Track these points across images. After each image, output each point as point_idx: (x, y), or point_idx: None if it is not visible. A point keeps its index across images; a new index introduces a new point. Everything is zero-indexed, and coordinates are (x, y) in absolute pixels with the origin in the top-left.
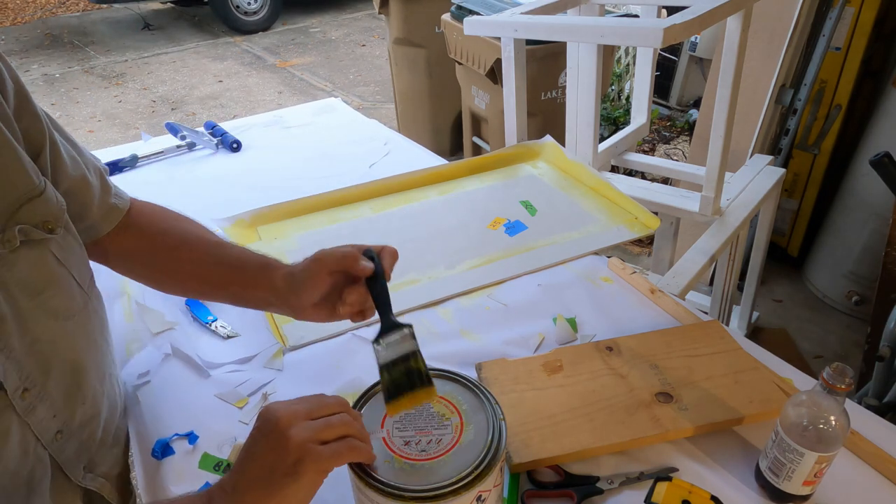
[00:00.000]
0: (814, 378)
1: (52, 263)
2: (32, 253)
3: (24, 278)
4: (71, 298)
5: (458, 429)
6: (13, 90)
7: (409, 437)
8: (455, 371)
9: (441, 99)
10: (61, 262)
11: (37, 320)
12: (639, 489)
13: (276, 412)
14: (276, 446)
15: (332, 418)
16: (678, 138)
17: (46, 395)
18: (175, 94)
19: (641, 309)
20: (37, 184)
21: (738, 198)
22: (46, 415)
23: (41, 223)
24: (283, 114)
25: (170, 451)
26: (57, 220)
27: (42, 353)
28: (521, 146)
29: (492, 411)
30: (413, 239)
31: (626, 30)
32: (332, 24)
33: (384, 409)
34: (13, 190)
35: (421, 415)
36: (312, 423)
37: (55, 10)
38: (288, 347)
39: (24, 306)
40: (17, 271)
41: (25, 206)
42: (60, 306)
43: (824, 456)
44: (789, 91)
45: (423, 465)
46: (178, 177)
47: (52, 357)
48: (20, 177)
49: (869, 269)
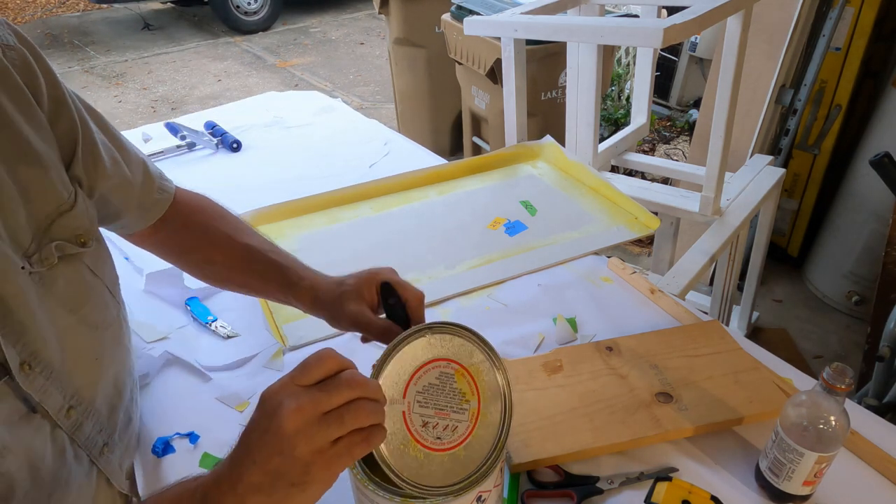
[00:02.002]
0: (814, 378)
1: (87, 276)
2: (69, 269)
3: (64, 294)
4: (106, 309)
5: (473, 417)
6: (48, 95)
7: (428, 418)
8: (489, 343)
9: (441, 99)
10: (95, 273)
11: (78, 335)
12: (639, 489)
13: (281, 408)
14: (281, 450)
15: (344, 412)
16: (678, 138)
17: (94, 410)
18: (175, 94)
19: (641, 309)
20: (66, 198)
21: (738, 198)
22: (93, 430)
23: (74, 237)
24: (284, 114)
25: (170, 450)
26: (89, 233)
27: (87, 369)
28: (521, 146)
29: (506, 404)
30: (413, 239)
31: (626, 30)
32: (332, 24)
33: (407, 377)
34: (44, 206)
35: (444, 390)
36: (323, 424)
37: (55, 10)
38: (288, 347)
39: (64, 324)
40: (57, 289)
41: (57, 222)
42: (98, 318)
43: (824, 456)
44: (789, 91)
45: (434, 458)
46: (179, 177)
47: (96, 371)
48: (50, 193)
49: (869, 270)
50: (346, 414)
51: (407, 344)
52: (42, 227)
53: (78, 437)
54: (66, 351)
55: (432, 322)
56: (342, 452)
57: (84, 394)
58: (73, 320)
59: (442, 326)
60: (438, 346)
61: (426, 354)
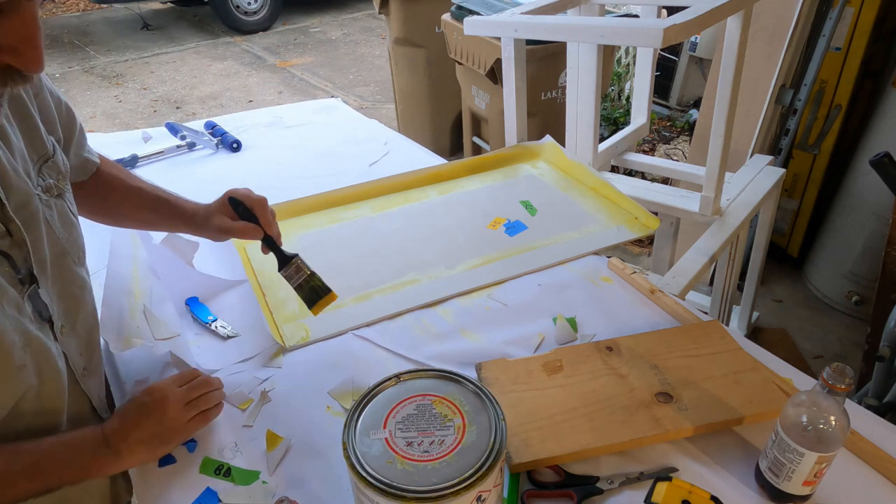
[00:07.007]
0: (814, 378)
1: (69, 214)
2: (59, 202)
3: (58, 223)
4: (82, 248)
5: (460, 430)
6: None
7: (412, 438)
8: (457, 372)
9: (441, 99)
10: (73, 214)
11: (66, 262)
12: (639, 489)
13: (165, 399)
14: (160, 421)
15: (199, 401)
16: (678, 138)
17: (75, 333)
18: (175, 94)
19: (641, 309)
20: (49, 146)
21: (738, 198)
22: (75, 351)
23: (56, 180)
24: (284, 114)
25: (171, 460)
26: (64, 178)
27: (73, 297)
28: (521, 146)
29: (494, 413)
30: (413, 239)
31: (626, 30)
32: (332, 24)
33: (387, 410)
34: (38, 153)
35: (423, 416)
36: (186, 408)
37: (55, 10)
38: (287, 347)
39: (57, 251)
40: (54, 217)
41: (44, 166)
42: (78, 254)
43: (824, 456)
44: (789, 91)
45: (426, 467)
46: (178, 177)
47: (80, 297)
48: (39, 140)
49: (869, 269)
50: (199, 402)
51: (380, 392)
52: (36, 168)
53: (68, 353)
54: (59, 273)
55: (400, 371)
56: (197, 421)
57: (70, 316)
58: (61, 250)
59: (409, 373)
60: (409, 386)
61: (399, 395)
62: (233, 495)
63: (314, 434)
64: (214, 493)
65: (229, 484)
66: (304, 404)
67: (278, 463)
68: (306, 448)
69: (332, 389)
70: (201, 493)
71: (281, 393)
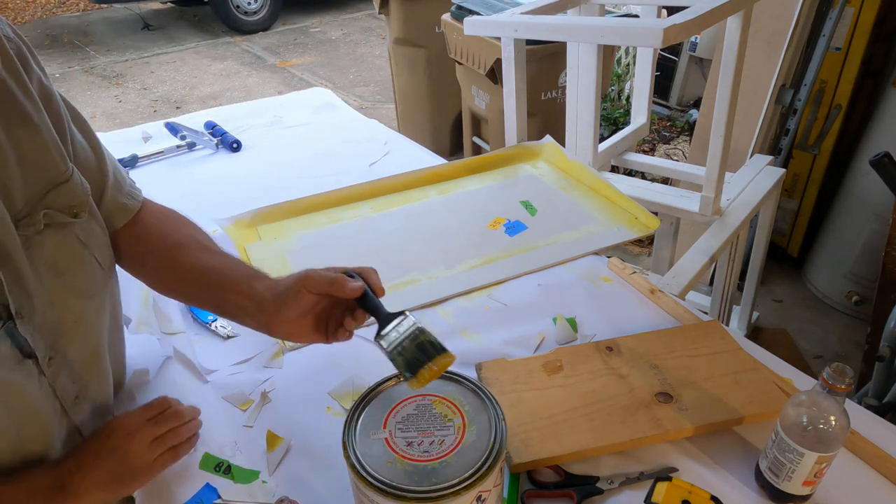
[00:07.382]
0: (814, 378)
1: (75, 245)
2: (57, 235)
3: (50, 259)
4: (93, 279)
5: (460, 430)
6: (40, 86)
7: (412, 439)
8: (456, 372)
9: (441, 99)
10: (84, 243)
11: (61, 299)
12: (639, 489)
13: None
14: (123, 461)
15: (165, 437)
16: (678, 138)
17: (67, 364)
18: (175, 94)
19: (641, 309)
20: (64, 170)
21: (738, 198)
22: (67, 380)
23: (67, 207)
24: (283, 114)
25: None
26: (82, 205)
27: (66, 329)
28: (521, 146)
29: (494, 412)
30: (413, 239)
31: (626, 30)
32: (332, 24)
33: (387, 410)
34: (41, 174)
35: (423, 416)
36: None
37: (55, 10)
38: (288, 347)
39: (49, 286)
40: (44, 252)
41: (53, 191)
42: (83, 286)
43: (824, 456)
44: (789, 91)
45: (426, 467)
46: (179, 177)
47: (74, 333)
48: (48, 162)
49: (869, 269)
50: (167, 437)
51: (380, 392)
52: (38, 193)
53: (56, 385)
54: (49, 307)
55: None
56: (166, 459)
57: (59, 346)
58: (57, 284)
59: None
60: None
61: (399, 395)
62: (232, 492)
63: (314, 434)
64: (214, 490)
65: (229, 481)
66: (305, 405)
67: (278, 463)
68: (306, 448)
69: (332, 390)
70: (201, 489)
71: (281, 393)
